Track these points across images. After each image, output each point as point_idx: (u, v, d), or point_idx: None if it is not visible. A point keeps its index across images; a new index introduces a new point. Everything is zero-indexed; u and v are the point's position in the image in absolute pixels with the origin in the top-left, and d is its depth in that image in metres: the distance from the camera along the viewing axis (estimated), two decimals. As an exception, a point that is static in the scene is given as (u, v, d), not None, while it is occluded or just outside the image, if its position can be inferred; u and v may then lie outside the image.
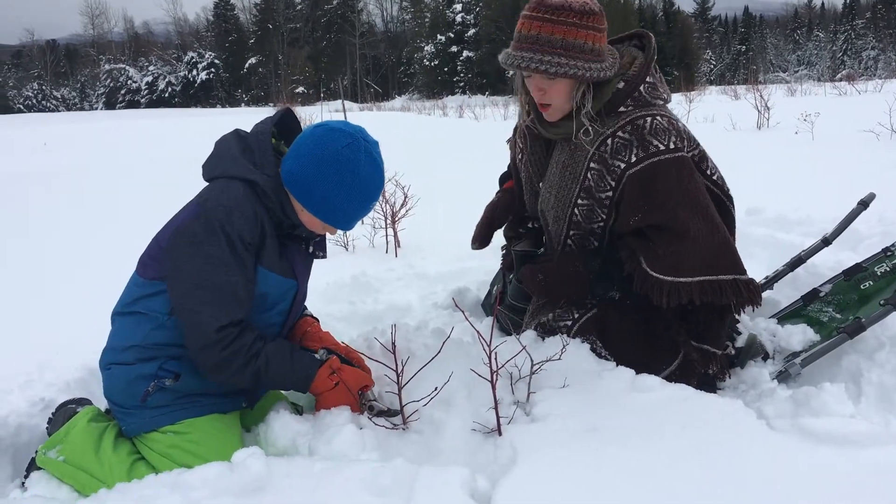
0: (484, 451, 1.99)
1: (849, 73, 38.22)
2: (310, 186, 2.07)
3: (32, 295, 3.93)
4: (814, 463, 1.84)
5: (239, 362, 2.00)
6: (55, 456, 2.10)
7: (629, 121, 2.35)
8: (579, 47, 2.25)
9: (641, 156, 2.32)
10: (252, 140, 2.16)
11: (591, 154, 2.40)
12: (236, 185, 2.04)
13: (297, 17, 74.94)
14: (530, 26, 2.26)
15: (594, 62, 2.28)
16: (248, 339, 2.01)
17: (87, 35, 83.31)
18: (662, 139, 2.33)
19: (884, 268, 2.80)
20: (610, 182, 2.39)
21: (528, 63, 2.25)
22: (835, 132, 9.31)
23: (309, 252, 2.32)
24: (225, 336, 1.97)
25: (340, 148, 2.06)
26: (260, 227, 2.05)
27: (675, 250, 2.31)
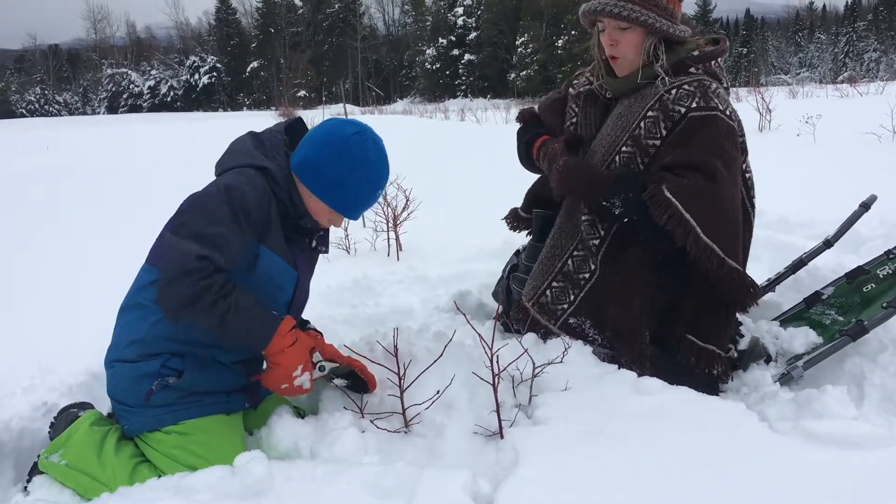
0: (486, 454, 1.99)
1: (850, 75, 38.23)
2: (319, 170, 2.14)
3: (35, 298, 3.94)
4: (816, 465, 1.84)
5: (210, 297, 1.91)
6: (57, 460, 2.10)
7: (696, 79, 2.46)
8: (654, 2, 2.42)
9: (703, 105, 2.41)
10: (265, 136, 2.25)
11: (652, 102, 2.47)
12: (249, 171, 2.10)
13: (298, 20, 75.08)
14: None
15: (667, 19, 2.43)
16: (222, 278, 1.95)
17: (90, 39, 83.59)
18: (722, 103, 2.44)
19: (886, 270, 2.80)
20: (663, 129, 2.45)
21: (605, 6, 2.42)
22: (837, 134, 9.30)
23: (312, 247, 2.36)
24: (204, 267, 1.91)
25: (350, 135, 2.15)
26: (267, 207, 2.08)
27: (700, 187, 2.33)
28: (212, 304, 1.92)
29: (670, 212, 2.30)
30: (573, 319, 2.54)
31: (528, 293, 2.65)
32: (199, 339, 2.09)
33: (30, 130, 20.68)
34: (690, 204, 2.30)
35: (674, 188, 2.31)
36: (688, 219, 2.30)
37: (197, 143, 13.19)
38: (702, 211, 2.31)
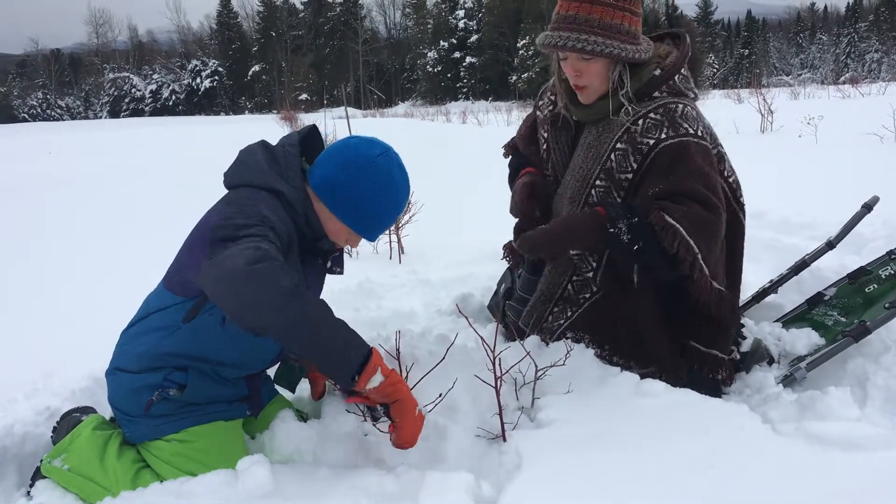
0: (489, 457, 1.99)
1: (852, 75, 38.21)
2: (344, 192, 2.07)
3: (38, 302, 3.94)
4: (820, 467, 1.83)
5: (287, 282, 1.64)
6: (60, 465, 2.10)
7: (661, 104, 2.39)
8: (616, 28, 2.31)
9: (672, 134, 2.35)
10: (279, 152, 2.14)
11: (621, 133, 2.41)
12: (263, 195, 2.01)
13: (299, 24, 75.26)
14: (568, 7, 2.32)
15: (630, 44, 2.34)
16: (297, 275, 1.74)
17: (92, 44, 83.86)
18: (692, 125, 2.37)
19: (888, 271, 2.80)
20: (633, 163, 2.39)
21: (566, 42, 2.30)
22: (838, 135, 9.29)
23: (326, 267, 2.31)
24: (273, 256, 1.70)
25: (376, 156, 2.08)
26: (287, 235, 2.00)
27: (700, 214, 2.27)
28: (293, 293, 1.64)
29: (679, 237, 2.24)
30: (570, 333, 2.54)
31: (531, 323, 2.64)
32: (207, 354, 2.05)
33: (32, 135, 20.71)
34: (693, 231, 2.26)
35: (677, 214, 2.25)
36: (692, 245, 2.26)
37: (199, 148, 13.21)
38: (705, 239, 2.29)
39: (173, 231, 2.19)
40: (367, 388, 1.75)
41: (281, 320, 1.65)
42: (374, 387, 1.75)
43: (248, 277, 1.63)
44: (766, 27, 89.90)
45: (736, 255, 2.62)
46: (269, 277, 1.64)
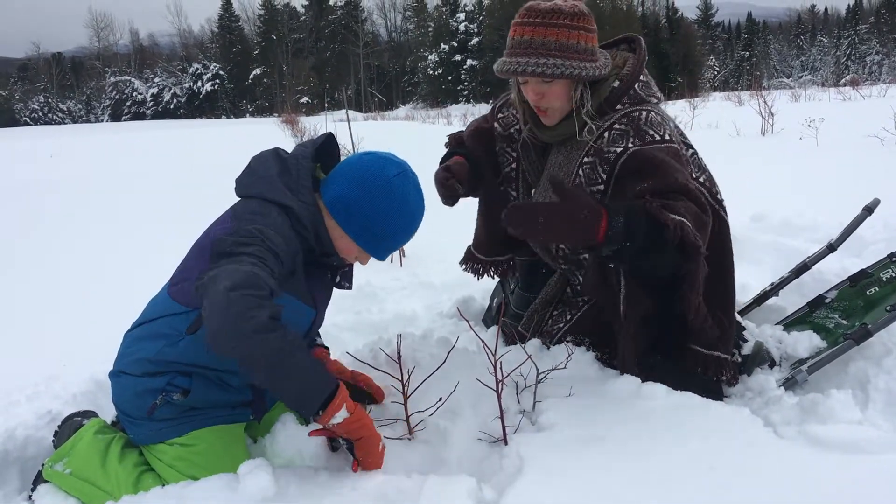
0: (490, 461, 1.99)
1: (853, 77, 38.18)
2: (358, 211, 2.05)
3: (40, 306, 3.95)
4: (821, 470, 1.83)
5: (264, 318, 1.64)
6: (62, 469, 2.11)
7: (624, 114, 2.37)
8: (573, 48, 2.27)
9: (638, 143, 2.31)
10: (291, 163, 2.10)
11: (587, 149, 2.40)
12: (272, 210, 1.99)
13: (300, 27, 75.32)
14: (523, 31, 2.29)
15: (588, 61, 2.30)
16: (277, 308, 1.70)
17: (93, 47, 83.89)
18: (658, 130, 2.35)
19: (889, 273, 2.80)
20: (602, 173, 2.35)
21: (525, 67, 2.27)
22: (839, 138, 9.29)
23: (335, 282, 2.29)
24: (258, 283, 1.70)
25: (392, 176, 2.05)
26: (292, 253, 1.98)
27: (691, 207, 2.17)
28: (267, 326, 1.64)
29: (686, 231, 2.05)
30: (570, 336, 2.54)
31: (531, 327, 2.64)
32: (209, 363, 2.04)
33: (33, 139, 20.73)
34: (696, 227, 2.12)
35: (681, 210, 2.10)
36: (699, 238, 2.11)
37: (201, 151, 13.23)
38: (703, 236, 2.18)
39: (175, 234, 2.19)
40: (331, 423, 1.77)
41: (245, 351, 1.65)
42: (337, 422, 1.77)
43: (225, 304, 1.63)
44: (767, 29, 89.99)
45: (724, 252, 2.59)
46: (244, 307, 1.64)
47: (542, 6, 2.28)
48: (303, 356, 1.72)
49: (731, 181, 2.54)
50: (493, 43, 56.36)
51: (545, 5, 2.27)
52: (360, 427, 1.83)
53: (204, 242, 2.06)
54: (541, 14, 2.27)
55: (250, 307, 1.64)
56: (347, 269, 2.31)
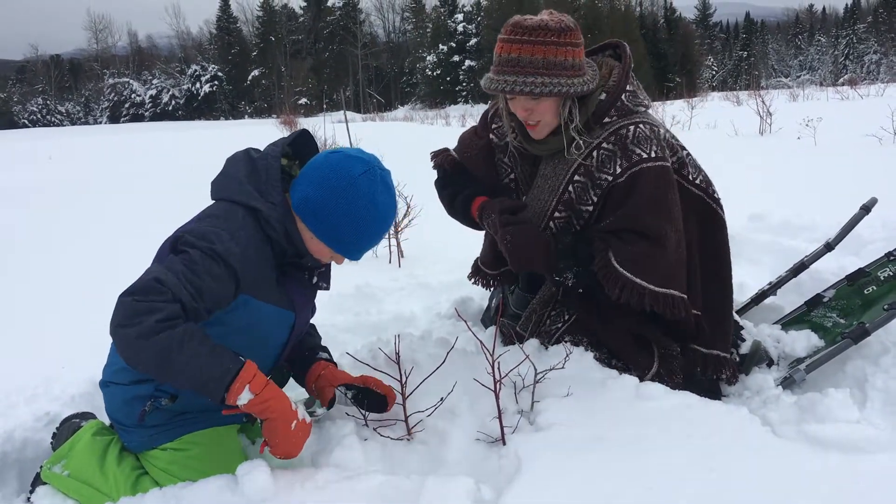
0: (488, 461, 1.99)
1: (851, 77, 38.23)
2: (324, 213, 2.00)
3: (39, 308, 3.95)
4: (819, 469, 1.84)
5: (150, 322, 1.67)
6: (60, 471, 2.10)
7: (612, 131, 2.38)
8: (560, 64, 2.25)
9: (625, 166, 2.35)
10: (261, 164, 2.06)
11: (577, 167, 2.41)
12: (238, 212, 1.96)
13: (299, 28, 75.29)
14: (510, 49, 2.27)
15: (576, 77, 2.29)
16: (174, 310, 1.72)
17: (91, 49, 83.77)
18: (645, 147, 2.36)
19: (887, 272, 2.80)
20: (593, 196, 2.42)
21: (513, 86, 2.26)
22: (837, 137, 9.31)
23: (313, 283, 2.25)
24: (156, 289, 1.72)
25: (357, 175, 1.99)
26: (252, 258, 1.94)
27: (646, 253, 2.33)
28: (153, 330, 1.67)
29: (622, 282, 2.32)
30: (569, 336, 2.54)
31: (529, 327, 2.65)
32: None
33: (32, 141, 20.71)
34: (639, 271, 2.32)
35: (620, 257, 2.32)
36: (641, 283, 2.32)
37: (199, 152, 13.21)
38: (652, 272, 2.34)
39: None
40: (238, 405, 1.78)
41: (132, 356, 1.71)
42: (243, 404, 1.78)
43: (114, 311, 1.71)
44: (765, 29, 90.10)
45: (720, 250, 2.61)
46: (129, 313, 1.69)
47: (528, 22, 2.25)
48: (195, 348, 1.72)
49: (730, 181, 2.54)
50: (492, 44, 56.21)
51: (532, 21, 2.25)
52: (265, 409, 1.82)
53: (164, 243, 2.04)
54: (528, 31, 2.24)
55: (137, 312, 1.69)
56: (324, 269, 2.27)
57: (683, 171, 2.51)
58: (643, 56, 57.52)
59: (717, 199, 2.60)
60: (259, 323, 2.02)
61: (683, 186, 2.51)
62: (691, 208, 2.51)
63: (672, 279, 2.38)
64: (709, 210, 2.56)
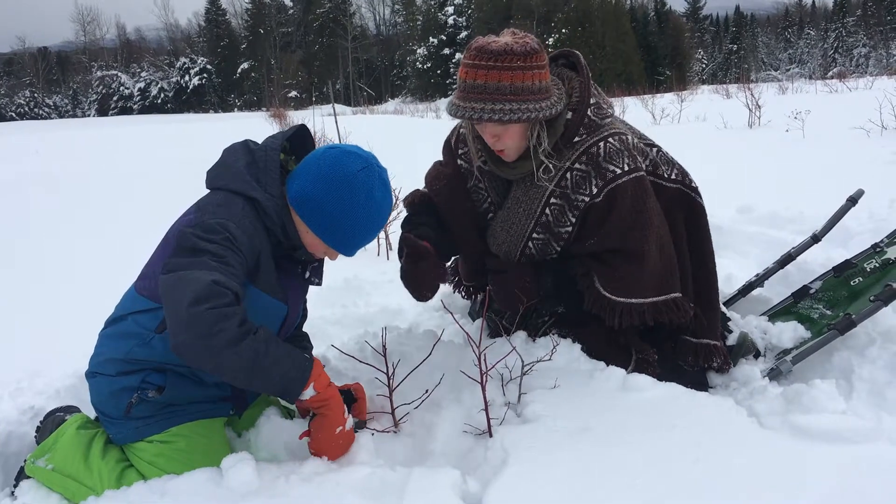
0: (475, 453, 1.99)
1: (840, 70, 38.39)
2: (320, 208, 2.00)
3: (22, 301, 3.92)
4: (805, 460, 1.84)
5: (233, 330, 1.68)
6: (44, 464, 2.09)
7: (583, 150, 2.36)
8: (528, 89, 2.20)
9: (601, 185, 2.35)
10: (260, 155, 2.06)
11: (551, 190, 2.40)
12: (237, 201, 1.96)
13: (288, 21, 74.95)
14: (475, 75, 2.19)
15: (543, 100, 2.24)
16: (242, 311, 1.73)
17: (79, 42, 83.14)
18: (617, 162, 2.35)
19: (873, 264, 2.81)
20: (571, 217, 2.41)
21: (481, 114, 2.20)
22: (826, 130, 9.34)
23: (305, 277, 2.25)
24: (219, 292, 1.70)
25: (356, 171, 2.00)
26: (256, 247, 1.96)
27: (631, 272, 2.37)
28: (238, 339, 1.68)
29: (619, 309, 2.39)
30: (556, 330, 2.55)
31: (516, 321, 2.65)
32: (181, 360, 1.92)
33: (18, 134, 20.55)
34: (632, 292, 2.38)
35: (609, 286, 2.39)
36: (638, 303, 2.37)
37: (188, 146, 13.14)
38: (644, 288, 2.39)
39: (160, 229, 2.16)
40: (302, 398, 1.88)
41: (219, 364, 1.70)
42: (305, 398, 1.87)
43: (190, 322, 1.66)
44: (755, 22, 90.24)
45: (702, 238, 2.64)
46: (210, 323, 1.66)
47: (492, 47, 2.17)
48: (276, 351, 1.77)
49: (718, 173, 2.54)
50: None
51: (496, 46, 2.17)
52: (323, 406, 1.90)
53: (169, 235, 2.04)
54: (493, 56, 2.16)
55: (217, 321, 1.67)
56: (317, 263, 2.27)
57: (658, 170, 2.53)
58: (633, 49, 57.63)
59: (694, 188, 2.63)
60: (253, 312, 1.99)
61: (661, 185, 2.52)
62: (672, 202, 2.53)
63: (666, 285, 2.42)
64: (686, 199, 2.60)
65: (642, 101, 19.37)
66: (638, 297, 2.38)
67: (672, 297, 2.42)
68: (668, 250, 2.45)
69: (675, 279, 2.45)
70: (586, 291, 2.41)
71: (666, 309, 2.40)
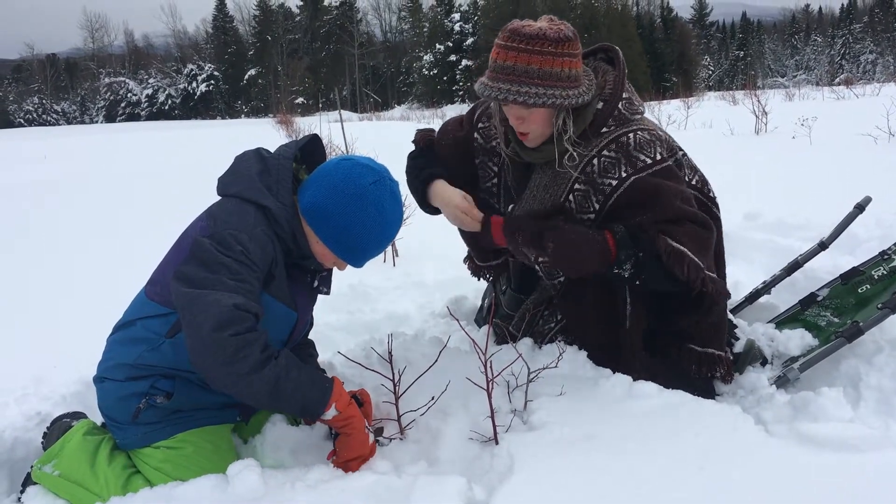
0: (481, 460, 1.98)
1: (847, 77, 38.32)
2: (332, 219, 2.03)
3: (29, 307, 3.93)
4: (813, 468, 1.83)
5: (256, 355, 1.75)
6: (51, 470, 2.09)
7: (612, 139, 2.35)
8: (556, 75, 2.20)
9: (630, 171, 2.32)
10: (272, 163, 2.08)
11: (576, 177, 2.38)
12: (249, 210, 1.98)
13: (296, 28, 75.21)
14: (506, 56, 2.21)
15: (571, 88, 2.24)
16: (264, 335, 1.80)
17: (87, 49, 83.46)
18: (648, 152, 2.34)
19: (881, 271, 2.80)
20: (595, 203, 2.37)
21: (507, 95, 2.21)
22: (832, 136, 9.31)
23: (314, 286, 2.26)
24: (242, 317, 1.76)
25: (368, 184, 2.02)
26: (270, 255, 1.97)
27: (696, 233, 2.31)
28: (261, 364, 1.76)
29: (687, 261, 2.25)
30: (562, 336, 2.54)
31: (522, 327, 2.64)
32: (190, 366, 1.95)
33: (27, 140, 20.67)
34: (696, 249, 2.28)
35: (681, 237, 2.27)
36: (700, 265, 2.28)
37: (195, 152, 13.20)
38: (707, 254, 2.33)
39: (167, 235, 2.18)
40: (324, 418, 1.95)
41: (243, 389, 1.79)
42: (328, 418, 1.95)
43: (214, 349, 1.73)
44: (761, 29, 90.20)
45: (716, 247, 2.61)
46: (233, 350, 1.73)
47: (526, 30, 2.18)
48: (297, 375, 1.84)
49: (725, 180, 2.53)
50: (488, 43, 56.36)
51: (530, 29, 2.19)
52: (345, 425, 1.96)
53: (182, 242, 2.05)
54: (525, 39, 2.18)
55: (240, 348, 1.74)
56: (326, 273, 2.28)
57: (680, 172, 2.50)
58: (640, 55, 57.59)
59: (711, 199, 2.59)
60: (264, 319, 2.02)
61: None
62: None
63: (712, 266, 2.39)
64: (702, 207, 2.56)
65: (648, 107, 19.35)
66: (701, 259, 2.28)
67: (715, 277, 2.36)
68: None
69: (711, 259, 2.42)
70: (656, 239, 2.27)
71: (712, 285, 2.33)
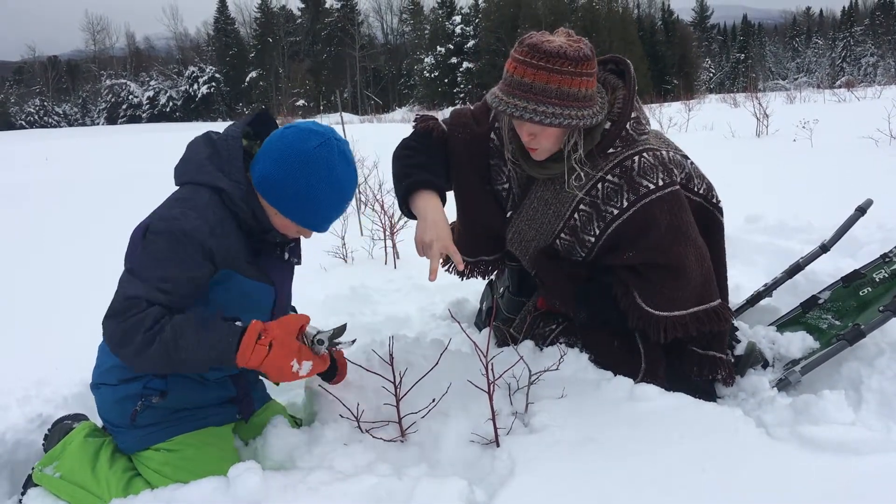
0: (482, 463, 1.98)
1: (848, 79, 38.34)
2: (283, 189, 2.01)
3: (32, 309, 3.93)
4: (814, 471, 1.83)
5: (140, 336, 1.80)
6: (52, 472, 2.09)
7: (617, 163, 2.34)
8: (573, 95, 2.16)
9: (633, 199, 2.32)
10: (221, 145, 2.08)
11: (581, 197, 2.39)
12: (202, 192, 1.98)
13: (297, 30, 75.25)
14: (524, 72, 2.15)
15: (586, 108, 2.20)
16: (151, 316, 1.83)
17: (89, 51, 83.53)
18: (651, 177, 2.33)
19: (882, 274, 2.80)
20: (596, 228, 2.39)
21: (522, 113, 2.16)
22: (834, 139, 9.32)
23: (285, 259, 2.26)
24: (130, 307, 1.83)
25: (313, 148, 2.00)
26: (225, 236, 1.97)
27: (672, 286, 2.35)
28: (146, 344, 1.81)
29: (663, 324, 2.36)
30: (563, 339, 2.54)
31: (523, 330, 2.64)
32: None
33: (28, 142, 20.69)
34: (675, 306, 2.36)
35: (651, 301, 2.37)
36: (681, 315, 2.36)
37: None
38: (687, 300, 2.37)
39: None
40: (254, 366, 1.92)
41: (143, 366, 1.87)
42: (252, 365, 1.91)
43: (106, 336, 1.86)
44: (762, 32, 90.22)
45: (717, 253, 2.62)
46: (119, 336, 1.84)
47: (546, 47, 2.11)
48: (189, 341, 1.84)
49: (726, 182, 2.53)
50: (490, 45, 56.45)
51: (551, 47, 2.11)
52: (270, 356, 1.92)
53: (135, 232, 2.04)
54: (545, 56, 2.11)
55: (125, 333, 1.82)
56: (293, 244, 2.28)
57: (690, 184, 2.49)
58: (641, 58, 57.63)
59: (715, 204, 2.59)
60: (242, 298, 2.05)
61: (689, 199, 2.49)
62: (694, 216, 2.51)
63: (706, 294, 2.40)
64: (706, 214, 2.55)
65: (649, 109, 19.37)
66: (680, 310, 2.36)
67: (712, 305, 2.39)
68: (706, 262, 2.42)
69: (714, 287, 2.43)
70: (629, 309, 2.39)
71: (707, 319, 2.38)
